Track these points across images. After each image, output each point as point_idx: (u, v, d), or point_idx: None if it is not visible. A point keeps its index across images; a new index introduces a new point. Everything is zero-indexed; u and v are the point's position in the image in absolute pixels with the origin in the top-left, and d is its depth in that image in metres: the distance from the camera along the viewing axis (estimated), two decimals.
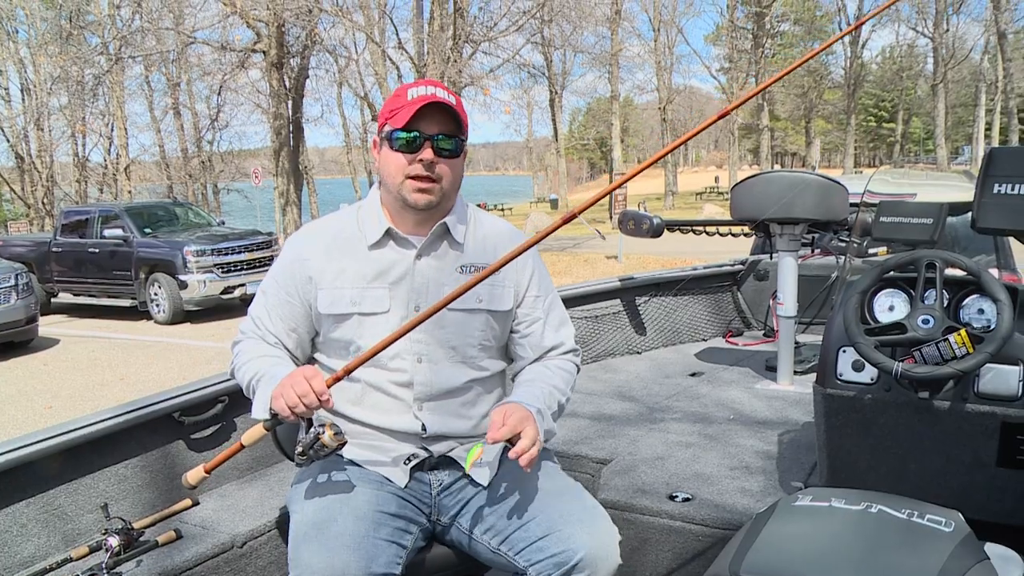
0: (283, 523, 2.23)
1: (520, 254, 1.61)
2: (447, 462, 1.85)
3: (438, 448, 1.83)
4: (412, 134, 1.72)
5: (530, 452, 1.60)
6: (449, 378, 1.82)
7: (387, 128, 1.76)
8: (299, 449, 1.61)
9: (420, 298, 1.80)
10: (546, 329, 1.93)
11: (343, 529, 1.61)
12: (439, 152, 1.74)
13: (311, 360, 1.92)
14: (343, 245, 1.83)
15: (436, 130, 1.73)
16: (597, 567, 1.62)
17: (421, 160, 1.73)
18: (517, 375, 1.94)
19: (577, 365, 2.00)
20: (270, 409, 1.63)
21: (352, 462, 1.81)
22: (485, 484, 1.81)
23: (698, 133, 1.69)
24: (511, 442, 1.63)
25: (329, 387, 1.58)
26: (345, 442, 1.61)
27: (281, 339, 1.85)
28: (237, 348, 1.88)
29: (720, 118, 1.62)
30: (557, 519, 1.68)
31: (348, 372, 1.60)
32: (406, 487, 1.79)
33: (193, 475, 1.70)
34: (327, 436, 1.58)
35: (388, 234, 1.82)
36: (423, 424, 1.80)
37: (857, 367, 2.03)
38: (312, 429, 1.60)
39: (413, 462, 1.81)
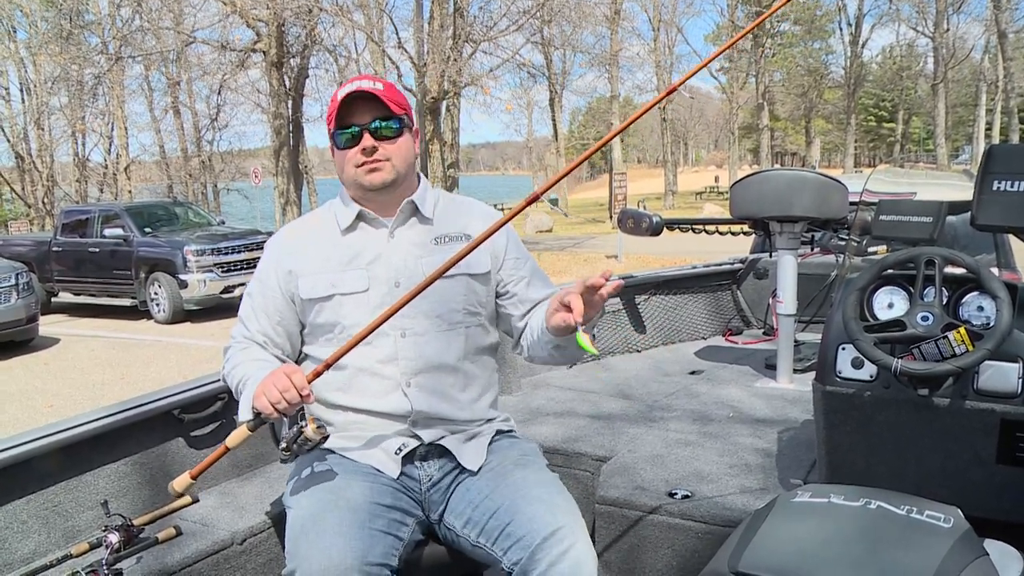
0: (282, 520, 2.23)
1: (500, 228, 1.66)
2: (437, 452, 1.86)
3: (428, 435, 1.84)
4: (349, 129, 1.82)
5: (608, 286, 1.61)
6: (435, 350, 1.85)
7: (330, 131, 1.86)
8: (283, 445, 1.63)
9: (399, 274, 1.85)
10: (532, 285, 1.98)
11: (339, 520, 1.62)
12: (378, 136, 1.82)
13: (301, 354, 1.96)
14: (318, 235, 1.91)
15: (369, 118, 1.82)
16: (563, 545, 1.62)
17: (363, 149, 1.82)
18: (522, 332, 1.97)
19: None
20: (253, 409, 1.65)
21: (344, 456, 1.83)
22: (475, 470, 1.83)
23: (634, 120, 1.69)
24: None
25: (310, 382, 1.61)
26: (328, 435, 1.64)
27: (270, 335, 1.90)
28: (228, 354, 1.93)
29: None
30: (520, 501, 1.71)
31: (328, 366, 1.63)
32: (398, 479, 1.80)
33: (179, 482, 1.72)
34: (309, 430, 1.60)
35: (360, 217, 1.90)
36: (410, 403, 1.82)
37: (856, 364, 2.03)
38: (295, 424, 1.62)
39: (404, 451, 1.82)
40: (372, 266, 1.86)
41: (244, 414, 1.70)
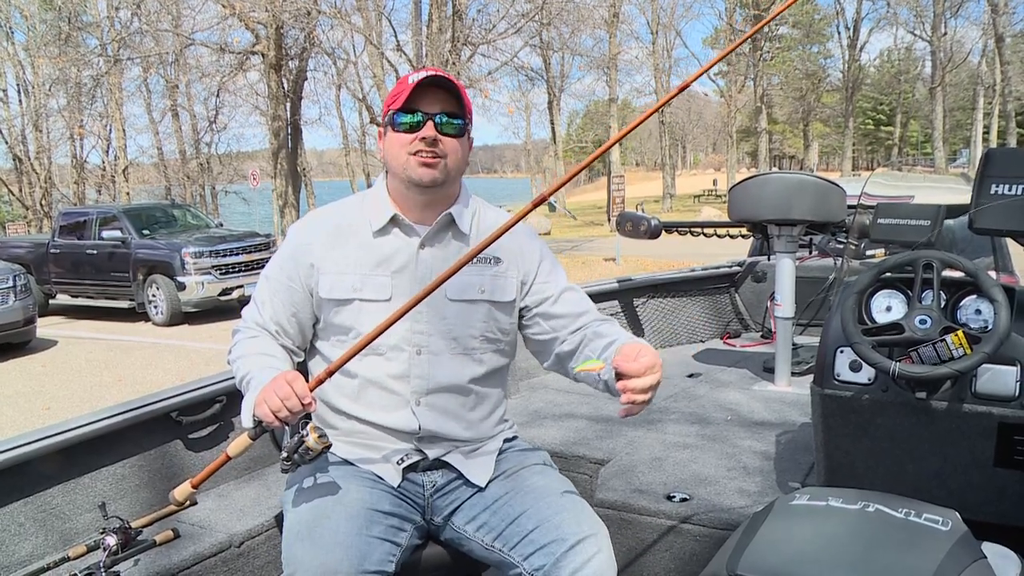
0: (280, 523, 2.23)
1: (506, 231, 1.56)
2: (441, 465, 1.83)
3: (433, 452, 1.82)
4: (413, 113, 1.73)
5: (646, 396, 1.53)
6: (449, 372, 1.80)
7: (390, 112, 1.76)
8: (284, 455, 1.59)
9: (421, 288, 1.76)
10: (559, 302, 1.89)
11: (335, 527, 1.60)
12: (441, 130, 1.73)
13: (311, 347, 1.91)
14: (347, 231, 1.82)
15: (438, 109, 1.73)
16: (587, 554, 1.62)
17: (423, 137, 1.72)
18: (552, 354, 1.89)
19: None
20: (254, 417, 1.61)
21: (345, 461, 1.81)
22: (482, 485, 1.80)
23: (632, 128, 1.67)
24: (618, 375, 1.56)
25: (312, 389, 1.56)
26: (330, 445, 1.59)
27: (283, 325, 1.83)
28: (237, 337, 1.87)
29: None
30: (546, 510, 1.69)
31: (330, 374, 1.58)
32: (399, 487, 1.78)
33: (180, 492, 1.68)
34: (311, 439, 1.56)
35: (393, 221, 1.81)
36: (419, 423, 1.78)
37: (855, 367, 2.04)
38: (296, 433, 1.59)
39: (406, 462, 1.80)
40: (398, 275, 1.78)
41: (246, 421, 1.66)
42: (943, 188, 4.87)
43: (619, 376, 1.56)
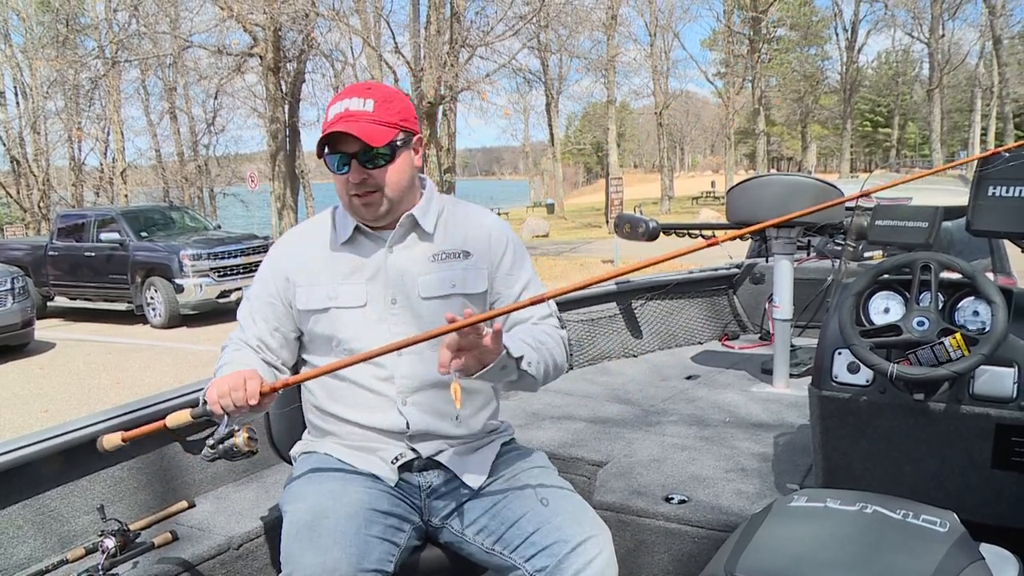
0: (278, 525, 2.22)
1: (599, 282, 1.53)
2: (436, 465, 1.85)
3: (425, 449, 1.84)
4: (336, 157, 1.75)
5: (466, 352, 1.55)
6: (432, 370, 1.77)
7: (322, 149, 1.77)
8: (210, 442, 1.62)
9: (396, 291, 1.83)
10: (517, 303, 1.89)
11: (334, 527, 1.62)
12: (367, 166, 1.74)
13: (302, 361, 1.96)
14: (318, 244, 1.88)
15: (357, 147, 1.73)
16: (590, 555, 1.63)
17: (350, 181, 1.75)
18: None
19: (557, 328, 1.92)
20: (202, 397, 1.64)
21: (342, 462, 1.83)
22: (476, 488, 1.82)
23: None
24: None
25: (265, 394, 1.57)
26: (256, 451, 1.62)
27: (265, 340, 1.88)
28: (223, 352, 1.92)
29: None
30: (546, 512, 1.70)
31: (286, 385, 1.60)
32: (396, 486, 1.80)
33: (108, 440, 1.70)
34: (241, 439, 1.59)
35: (358, 230, 1.86)
36: (407, 421, 1.81)
37: (852, 369, 2.04)
38: (229, 427, 1.61)
39: (401, 461, 1.82)
40: (371, 282, 1.83)
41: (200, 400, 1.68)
42: (941, 190, 4.87)
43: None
